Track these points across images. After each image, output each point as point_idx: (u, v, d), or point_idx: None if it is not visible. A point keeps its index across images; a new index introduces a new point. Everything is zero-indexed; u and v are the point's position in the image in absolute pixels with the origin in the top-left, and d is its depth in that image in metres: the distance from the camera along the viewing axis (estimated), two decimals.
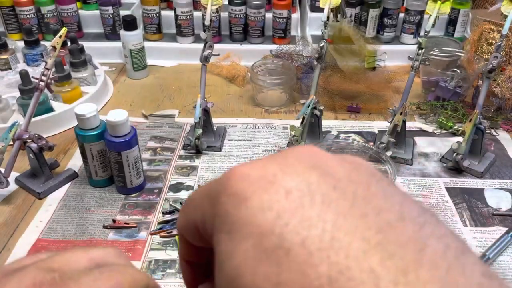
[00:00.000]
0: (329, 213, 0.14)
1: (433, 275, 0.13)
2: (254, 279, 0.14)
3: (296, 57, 1.09)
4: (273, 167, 0.16)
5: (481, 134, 0.77)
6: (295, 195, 0.15)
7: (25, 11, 1.16)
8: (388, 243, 0.14)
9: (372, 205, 0.15)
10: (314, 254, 0.14)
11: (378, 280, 0.13)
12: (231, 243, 0.15)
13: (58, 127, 0.89)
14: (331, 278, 0.13)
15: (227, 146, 0.85)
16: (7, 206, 0.71)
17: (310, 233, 0.14)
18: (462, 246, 0.15)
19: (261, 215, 0.15)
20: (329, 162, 0.17)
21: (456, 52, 1.01)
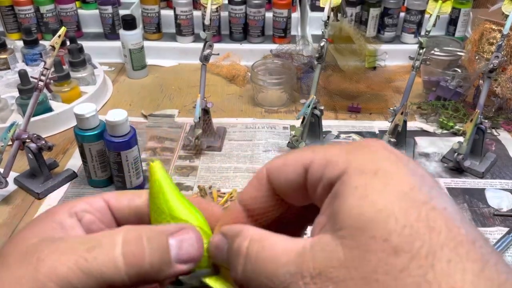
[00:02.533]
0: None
1: None
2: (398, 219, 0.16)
3: (296, 56, 1.08)
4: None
5: (482, 134, 0.76)
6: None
7: (24, 10, 1.16)
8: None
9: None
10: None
11: None
12: (378, 182, 0.18)
13: (57, 127, 0.89)
14: None
15: (227, 146, 0.84)
16: (6, 206, 0.70)
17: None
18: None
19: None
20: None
21: (457, 52, 1.01)
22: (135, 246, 0.21)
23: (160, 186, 0.24)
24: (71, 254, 0.20)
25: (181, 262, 0.22)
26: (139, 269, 0.21)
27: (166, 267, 0.21)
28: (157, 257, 0.21)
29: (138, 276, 0.21)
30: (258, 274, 0.19)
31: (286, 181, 0.21)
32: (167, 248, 0.21)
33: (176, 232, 0.22)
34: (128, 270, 0.20)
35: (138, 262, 0.21)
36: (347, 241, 0.17)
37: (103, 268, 0.20)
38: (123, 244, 0.21)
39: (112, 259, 0.20)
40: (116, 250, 0.21)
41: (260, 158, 0.81)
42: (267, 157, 0.81)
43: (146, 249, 0.21)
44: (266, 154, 0.82)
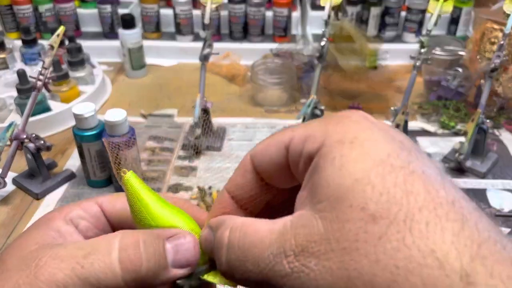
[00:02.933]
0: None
1: None
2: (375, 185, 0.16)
3: (296, 56, 1.08)
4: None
5: (483, 134, 0.76)
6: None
7: (22, 9, 1.15)
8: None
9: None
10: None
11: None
12: (354, 151, 0.17)
13: (56, 127, 0.88)
14: None
15: (227, 146, 0.84)
16: (4, 207, 0.70)
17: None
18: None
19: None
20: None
21: (459, 51, 1.01)
22: (132, 252, 0.21)
23: (139, 198, 0.23)
24: (68, 261, 0.20)
25: (178, 267, 0.22)
26: (136, 274, 0.21)
27: (163, 272, 0.21)
28: (153, 262, 0.21)
29: (135, 282, 0.21)
30: (242, 261, 0.19)
31: (269, 163, 0.21)
32: (163, 253, 0.21)
33: (172, 236, 0.22)
34: (124, 276, 0.20)
35: (135, 268, 0.21)
36: (326, 213, 0.17)
37: (100, 274, 0.20)
38: (120, 249, 0.21)
39: (109, 265, 0.20)
40: (113, 256, 0.21)
41: None
42: None
43: (143, 254, 0.21)
44: None
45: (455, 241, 0.15)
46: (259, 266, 0.18)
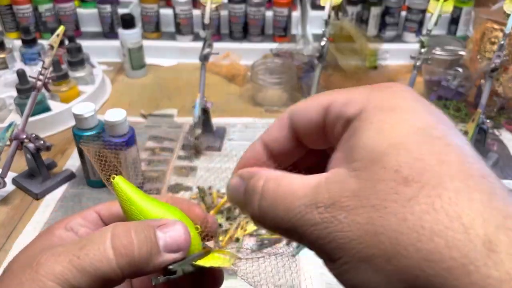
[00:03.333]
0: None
1: None
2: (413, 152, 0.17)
3: (296, 56, 1.08)
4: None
5: (483, 134, 0.76)
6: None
7: (22, 9, 1.15)
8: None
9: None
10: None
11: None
12: (396, 116, 0.18)
13: (55, 127, 0.88)
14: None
15: (227, 146, 0.84)
16: (4, 206, 0.70)
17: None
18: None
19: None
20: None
21: (459, 51, 1.00)
22: (124, 238, 0.22)
23: (130, 200, 0.24)
24: (65, 255, 0.22)
25: (170, 251, 0.23)
26: (129, 259, 0.22)
27: (156, 256, 0.22)
28: (145, 247, 0.22)
29: (129, 266, 0.22)
30: (274, 208, 0.20)
31: (306, 122, 0.22)
32: (154, 238, 0.23)
33: (163, 225, 0.23)
34: (119, 261, 0.22)
35: (128, 253, 0.22)
36: (360, 172, 0.17)
37: (95, 262, 0.21)
38: (112, 237, 0.22)
39: (103, 252, 0.22)
40: (106, 244, 0.22)
41: None
42: None
43: (135, 240, 0.22)
44: None
45: (482, 211, 0.15)
46: (290, 214, 0.19)
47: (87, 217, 0.27)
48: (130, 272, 0.22)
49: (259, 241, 0.63)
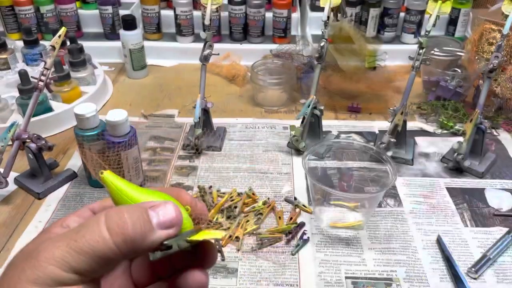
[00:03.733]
0: None
1: None
2: None
3: (296, 56, 1.08)
4: None
5: (482, 134, 0.76)
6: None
7: (24, 10, 1.16)
8: None
9: None
10: None
11: None
12: None
13: (57, 127, 0.89)
14: None
15: (227, 146, 0.85)
16: (6, 206, 0.70)
17: None
18: None
19: None
20: None
21: (457, 52, 1.01)
22: (118, 218, 0.23)
23: (120, 190, 0.26)
24: (63, 240, 0.23)
25: (163, 228, 0.24)
26: (124, 237, 0.23)
27: (150, 233, 0.24)
28: (139, 224, 0.24)
29: (126, 244, 0.23)
30: None
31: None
32: (147, 217, 0.24)
33: (154, 206, 0.25)
34: (115, 239, 0.23)
35: (123, 231, 0.23)
36: None
37: (92, 242, 0.23)
38: (106, 219, 0.23)
39: (98, 233, 0.23)
40: (101, 225, 0.23)
41: (260, 158, 0.81)
42: (267, 157, 0.81)
43: (128, 219, 0.23)
44: (266, 154, 0.82)
45: None
46: None
47: (82, 215, 0.28)
48: (127, 250, 0.23)
49: (259, 240, 0.63)
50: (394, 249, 0.63)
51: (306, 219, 0.67)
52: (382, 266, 0.60)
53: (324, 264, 0.60)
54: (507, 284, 0.58)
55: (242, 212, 0.68)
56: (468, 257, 0.62)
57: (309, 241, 0.64)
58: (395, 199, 0.72)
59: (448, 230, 0.66)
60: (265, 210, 0.68)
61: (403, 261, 0.61)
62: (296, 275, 0.59)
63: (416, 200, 0.72)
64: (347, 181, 0.74)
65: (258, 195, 0.72)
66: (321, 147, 0.73)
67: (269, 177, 0.76)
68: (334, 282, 0.58)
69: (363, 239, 0.64)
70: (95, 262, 0.23)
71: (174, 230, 0.25)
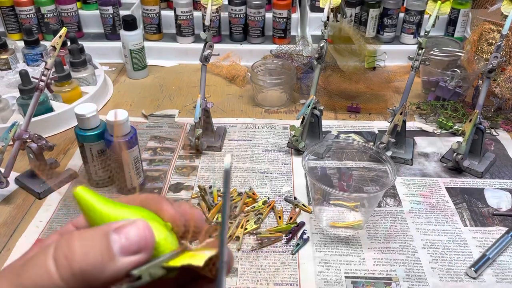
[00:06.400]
0: None
1: None
2: None
3: (296, 57, 1.09)
4: None
5: (481, 134, 0.77)
6: None
7: (25, 11, 1.16)
8: None
9: None
10: None
11: None
12: None
13: (58, 127, 0.89)
14: None
15: (227, 146, 0.85)
16: (7, 206, 0.71)
17: None
18: None
19: None
20: None
21: (456, 52, 1.01)
22: (66, 248, 0.20)
23: (92, 208, 0.23)
24: (8, 274, 0.20)
25: (129, 254, 0.21)
26: (72, 270, 0.20)
27: (110, 262, 0.20)
28: (93, 253, 0.20)
29: (75, 278, 0.20)
30: None
31: None
32: (107, 243, 0.20)
33: (120, 227, 0.21)
34: (62, 273, 0.20)
35: (70, 263, 0.20)
36: None
37: (35, 277, 0.20)
38: (55, 250, 0.20)
39: (44, 266, 0.20)
40: (48, 257, 0.20)
41: (260, 158, 0.81)
42: (267, 157, 0.82)
43: (77, 248, 0.20)
44: (266, 154, 0.82)
45: None
46: None
47: (65, 232, 0.25)
48: (78, 285, 0.20)
49: (259, 239, 0.63)
50: (394, 249, 0.63)
51: (306, 219, 0.68)
52: (382, 266, 0.60)
53: (324, 263, 0.61)
54: (507, 283, 0.58)
55: (242, 211, 0.68)
56: (467, 256, 0.62)
57: (309, 241, 0.64)
58: (394, 199, 0.72)
59: (447, 229, 0.66)
60: (265, 209, 0.68)
61: (403, 260, 0.61)
62: (296, 274, 0.59)
63: (416, 200, 0.72)
64: (346, 181, 0.74)
65: (258, 194, 0.72)
66: (321, 147, 0.73)
67: (269, 177, 0.76)
68: (333, 281, 0.58)
69: (362, 239, 0.64)
70: None
71: (142, 256, 0.21)
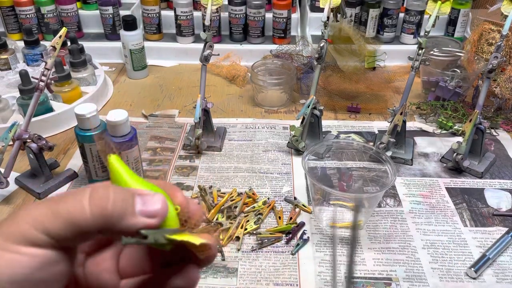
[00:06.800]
0: None
1: None
2: None
3: (296, 57, 1.09)
4: None
5: (481, 134, 0.77)
6: None
7: (25, 11, 1.16)
8: None
9: None
10: None
11: None
12: None
13: (58, 127, 0.89)
14: None
15: (227, 146, 0.85)
16: (7, 206, 0.71)
17: None
18: None
19: None
20: None
21: (456, 52, 1.01)
22: (102, 192, 0.24)
23: (119, 175, 0.26)
24: (45, 203, 0.23)
25: (145, 216, 0.24)
26: (102, 210, 0.23)
27: (130, 216, 0.24)
28: (120, 204, 0.23)
29: (102, 218, 0.23)
30: None
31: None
32: (131, 201, 0.24)
33: (144, 194, 0.25)
34: (93, 211, 0.23)
35: (103, 204, 0.23)
36: None
37: (71, 208, 0.23)
38: (91, 191, 0.24)
39: (79, 201, 0.23)
40: (85, 195, 0.23)
41: (260, 158, 0.81)
42: (267, 157, 0.82)
43: (111, 195, 0.23)
44: (266, 154, 0.82)
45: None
46: None
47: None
48: (102, 225, 0.23)
49: (259, 239, 0.63)
50: (394, 249, 0.63)
51: (306, 219, 0.68)
52: (382, 266, 0.60)
53: (324, 263, 0.61)
54: (507, 283, 0.58)
55: (242, 212, 0.68)
56: (467, 257, 0.62)
57: (309, 241, 0.64)
58: (394, 199, 0.72)
59: (447, 230, 0.66)
60: (265, 210, 0.68)
61: (403, 260, 0.61)
62: (296, 274, 0.59)
63: (416, 200, 0.72)
64: (346, 181, 0.74)
65: (258, 195, 0.72)
66: (321, 147, 0.73)
67: (269, 177, 0.76)
68: None
69: (362, 239, 0.64)
70: (69, 229, 0.22)
71: (155, 221, 0.24)
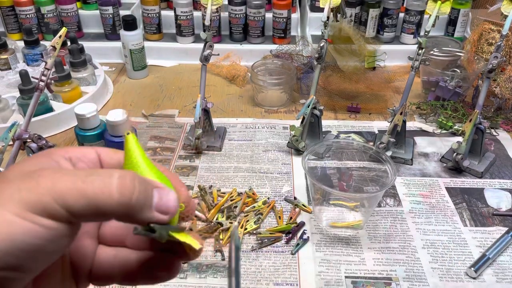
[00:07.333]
0: None
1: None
2: None
3: (296, 57, 1.09)
4: None
5: (481, 134, 0.77)
6: None
7: (25, 11, 1.16)
8: None
9: None
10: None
11: None
12: None
13: (58, 127, 0.89)
14: None
15: (227, 146, 0.85)
16: None
17: None
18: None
19: None
20: None
21: (456, 52, 1.01)
22: (129, 181, 0.23)
23: (133, 156, 0.26)
24: (71, 176, 0.22)
25: (158, 211, 0.24)
26: (128, 200, 0.23)
27: (147, 209, 0.24)
28: (143, 197, 0.24)
29: (125, 208, 0.23)
30: None
31: None
32: (151, 194, 0.24)
33: (162, 189, 0.25)
34: (119, 199, 0.22)
35: (129, 194, 0.23)
36: None
37: (98, 191, 0.22)
38: (119, 177, 0.23)
39: (108, 185, 0.22)
40: (113, 179, 0.23)
41: (260, 158, 0.81)
42: (267, 157, 0.82)
43: (137, 187, 0.23)
44: (266, 154, 0.82)
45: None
46: None
47: (87, 155, 0.27)
48: (123, 214, 0.23)
49: (259, 239, 0.64)
50: (394, 249, 0.63)
51: (306, 219, 0.68)
52: (382, 266, 0.60)
53: (324, 263, 0.61)
54: (506, 283, 0.58)
55: (242, 211, 0.68)
56: (467, 256, 0.62)
57: (309, 241, 0.64)
58: (394, 199, 0.72)
59: (447, 229, 0.66)
60: (265, 209, 0.68)
61: (403, 260, 0.61)
62: (296, 274, 0.59)
63: (416, 200, 0.72)
64: (346, 181, 0.74)
65: (258, 194, 0.72)
66: (321, 147, 0.73)
67: (269, 177, 0.76)
68: (333, 281, 0.58)
69: (362, 239, 0.64)
70: (91, 210, 0.22)
71: (166, 218, 0.25)
